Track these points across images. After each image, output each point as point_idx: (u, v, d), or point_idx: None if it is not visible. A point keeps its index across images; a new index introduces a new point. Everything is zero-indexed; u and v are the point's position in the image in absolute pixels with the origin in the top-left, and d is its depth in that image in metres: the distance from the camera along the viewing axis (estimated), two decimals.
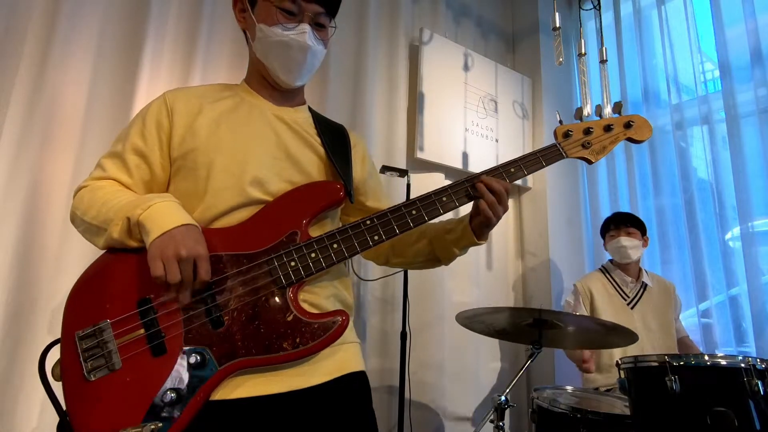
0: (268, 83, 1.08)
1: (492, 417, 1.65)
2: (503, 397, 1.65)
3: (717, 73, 2.63)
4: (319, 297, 0.97)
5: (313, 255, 0.93)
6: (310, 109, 1.15)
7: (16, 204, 1.51)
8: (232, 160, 0.97)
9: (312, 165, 1.04)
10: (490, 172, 1.05)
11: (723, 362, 1.31)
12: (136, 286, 0.88)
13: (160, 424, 0.79)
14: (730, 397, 1.25)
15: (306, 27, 1.01)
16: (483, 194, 1.01)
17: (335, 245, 0.94)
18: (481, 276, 2.72)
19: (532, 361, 1.74)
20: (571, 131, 1.14)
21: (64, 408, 0.82)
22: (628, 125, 1.16)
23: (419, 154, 2.50)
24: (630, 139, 1.17)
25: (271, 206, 0.97)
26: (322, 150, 1.06)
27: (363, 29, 2.45)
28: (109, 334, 0.84)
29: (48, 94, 1.60)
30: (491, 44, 3.16)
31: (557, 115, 1.20)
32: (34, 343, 1.48)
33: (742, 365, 1.27)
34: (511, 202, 2.97)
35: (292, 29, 1.00)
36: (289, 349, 0.86)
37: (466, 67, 2.80)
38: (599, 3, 2.76)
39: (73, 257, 1.58)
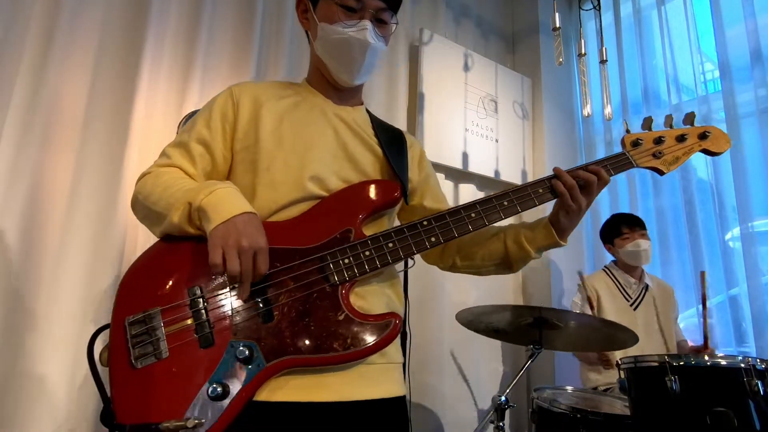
0: (328, 82, 1.09)
1: (492, 417, 1.65)
2: (503, 398, 1.65)
3: (717, 73, 2.63)
4: (369, 300, 0.94)
5: (367, 253, 0.91)
6: (367, 110, 1.16)
7: (16, 204, 1.51)
8: (293, 155, 0.97)
9: (369, 164, 1.04)
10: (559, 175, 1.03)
11: (723, 362, 1.32)
12: (189, 274, 0.87)
13: (203, 420, 0.76)
14: (730, 398, 1.25)
15: (367, 23, 1.00)
16: (556, 185, 1.00)
17: (390, 244, 0.92)
18: (481, 276, 2.71)
19: (532, 362, 1.74)
20: (641, 140, 1.10)
21: (109, 395, 0.81)
22: (703, 136, 1.12)
23: None
24: (705, 151, 1.12)
25: (325, 202, 0.96)
26: (379, 150, 1.06)
27: None
28: (158, 321, 0.83)
29: (48, 94, 1.60)
30: (491, 44, 3.16)
31: (624, 125, 1.16)
32: (34, 343, 1.48)
33: (742, 365, 1.27)
34: None
35: (353, 26, 1.00)
36: (339, 350, 0.84)
37: (466, 68, 2.80)
38: (599, 3, 2.76)
39: (73, 257, 1.58)
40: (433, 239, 0.95)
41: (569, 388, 1.91)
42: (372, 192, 0.99)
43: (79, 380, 1.52)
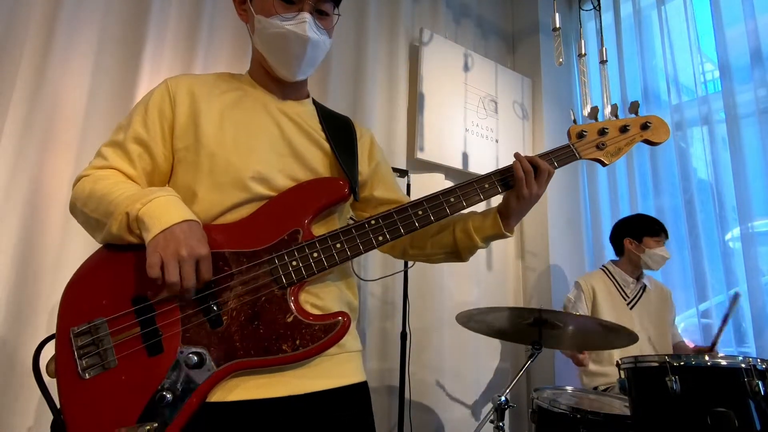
0: (270, 76, 1.04)
1: (492, 417, 1.65)
2: (503, 398, 1.65)
3: (717, 73, 2.63)
4: (322, 299, 0.94)
5: (315, 254, 0.90)
6: (314, 101, 1.12)
7: (16, 204, 1.51)
8: (236, 155, 0.94)
9: (317, 161, 1.01)
10: (501, 172, 1.03)
11: (723, 362, 1.31)
12: (134, 282, 0.86)
13: (156, 425, 0.77)
14: (730, 398, 1.25)
15: (306, 16, 0.96)
16: (516, 169, 1.00)
17: (338, 245, 0.92)
18: (481, 276, 2.72)
19: (532, 362, 1.74)
20: (585, 131, 1.11)
21: (59, 406, 0.81)
22: (644, 126, 1.12)
23: (419, 155, 2.50)
24: (647, 141, 1.13)
25: (272, 203, 0.94)
26: (326, 145, 1.03)
27: (363, 29, 2.45)
28: (105, 331, 0.82)
29: (48, 94, 1.60)
30: (491, 44, 3.16)
31: (571, 114, 1.16)
32: (33, 342, 1.47)
33: (742, 365, 1.27)
34: None
35: (291, 19, 0.95)
36: (288, 351, 0.84)
37: (466, 68, 2.80)
38: (599, 3, 2.76)
39: (73, 257, 1.57)
40: (380, 238, 0.95)
41: (569, 388, 1.91)
42: (319, 190, 0.97)
43: None
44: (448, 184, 2.63)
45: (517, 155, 1.03)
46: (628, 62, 3.00)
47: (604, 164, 1.12)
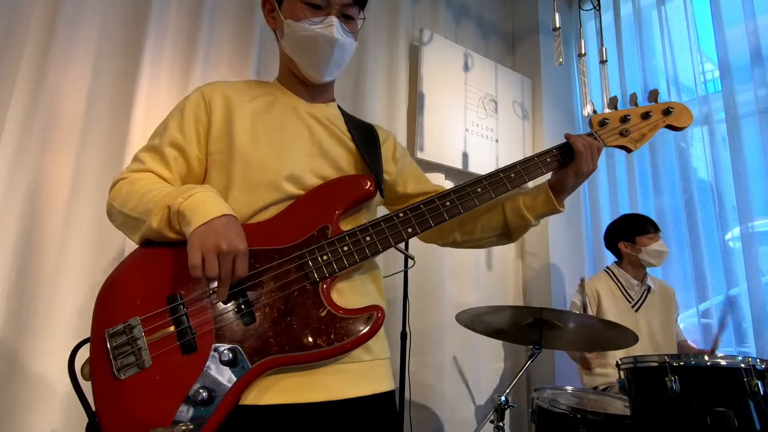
0: (299, 80, 1.09)
1: (492, 417, 1.65)
2: (503, 398, 1.65)
3: (717, 73, 2.63)
4: (350, 294, 0.95)
5: (345, 248, 0.91)
6: (338, 106, 1.16)
7: (16, 204, 1.50)
8: (269, 156, 0.97)
9: (344, 160, 1.04)
10: (521, 163, 1.05)
11: (723, 362, 1.32)
12: (167, 281, 0.86)
13: (191, 426, 0.76)
14: (730, 398, 1.25)
15: (333, 20, 1.00)
16: (576, 143, 1.04)
17: (368, 238, 0.93)
18: (481, 276, 2.72)
19: (532, 362, 1.74)
20: (607, 120, 1.11)
21: (94, 408, 0.80)
22: (667, 112, 1.13)
23: (419, 155, 2.50)
24: (670, 126, 1.14)
25: (301, 201, 0.96)
26: (352, 145, 1.07)
27: (363, 29, 2.40)
28: (139, 331, 0.82)
29: (48, 94, 1.60)
30: (491, 44, 3.16)
31: (591, 105, 1.19)
32: (33, 343, 1.48)
33: (742, 365, 1.28)
34: None
35: (319, 23, 1.00)
36: (323, 346, 0.83)
37: (466, 68, 2.80)
38: (599, 3, 2.76)
39: (73, 257, 1.58)
40: (410, 230, 0.96)
41: (569, 388, 1.91)
42: (346, 187, 0.99)
43: (79, 378, 1.52)
44: (449, 183, 2.64)
45: (567, 135, 1.06)
46: (628, 62, 3.00)
47: (629, 150, 1.13)
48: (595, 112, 1.13)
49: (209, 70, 1.95)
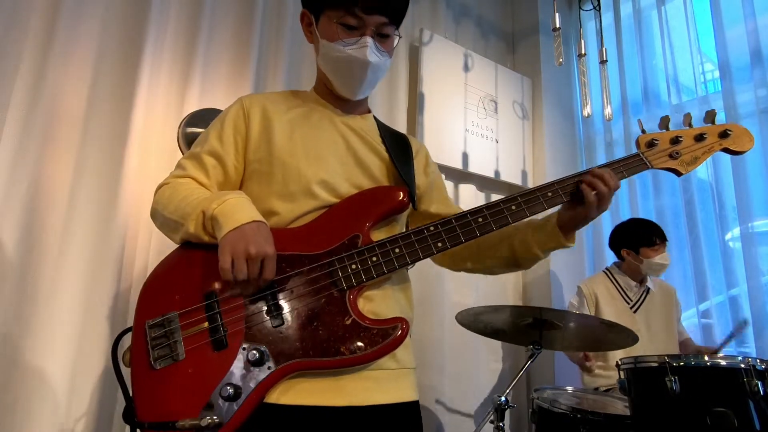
0: (334, 94, 1.10)
1: (492, 417, 1.65)
2: (503, 398, 1.65)
3: (717, 73, 2.63)
4: (380, 304, 0.95)
5: (374, 259, 0.93)
6: (374, 117, 1.17)
7: (16, 204, 1.51)
8: (306, 165, 0.99)
9: (378, 170, 1.05)
10: (559, 182, 1.03)
11: (723, 362, 1.32)
12: (205, 280, 0.91)
13: (217, 420, 0.80)
14: (729, 398, 1.25)
15: (368, 40, 0.99)
16: (595, 184, 0.98)
17: (397, 250, 0.94)
18: (481, 277, 2.72)
19: (532, 362, 1.74)
20: (656, 140, 1.07)
21: (131, 393, 0.85)
22: (724, 134, 1.07)
23: None
24: (727, 150, 1.07)
25: (334, 209, 0.98)
26: (386, 156, 1.08)
27: None
28: (176, 324, 0.87)
29: (48, 94, 1.60)
30: (491, 45, 3.16)
31: (640, 125, 1.11)
32: (33, 342, 1.48)
33: (742, 366, 1.28)
34: None
35: (353, 44, 1.00)
36: (346, 354, 0.86)
37: (466, 68, 2.80)
38: (599, 3, 2.76)
39: (73, 256, 1.58)
40: (440, 244, 0.96)
41: (569, 389, 1.91)
42: (379, 198, 1.00)
43: (80, 378, 1.52)
44: (449, 184, 2.64)
45: (592, 172, 1.01)
46: (628, 62, 3.00)
47: (679, 174, 1.07)
48: (643, 131, 1.10)
49: (209, 71, 1.96)
